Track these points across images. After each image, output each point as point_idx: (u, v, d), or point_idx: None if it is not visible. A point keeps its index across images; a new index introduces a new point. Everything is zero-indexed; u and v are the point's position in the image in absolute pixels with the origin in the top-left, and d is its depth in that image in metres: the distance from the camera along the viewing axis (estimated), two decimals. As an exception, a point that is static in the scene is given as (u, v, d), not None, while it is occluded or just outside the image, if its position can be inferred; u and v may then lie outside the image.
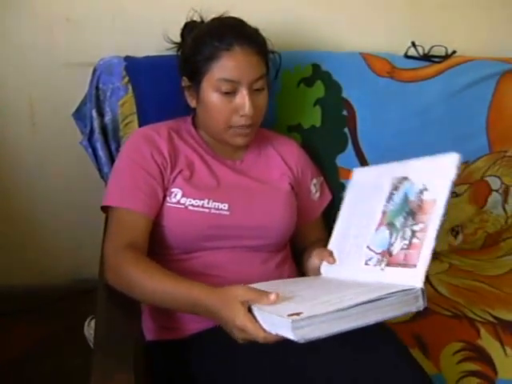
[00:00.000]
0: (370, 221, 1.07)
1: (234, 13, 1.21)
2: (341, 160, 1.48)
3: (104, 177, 1.39)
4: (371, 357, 0.97)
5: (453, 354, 1.27)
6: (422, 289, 0.90)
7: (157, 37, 1.34)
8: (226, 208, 1.15)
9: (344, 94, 1.48)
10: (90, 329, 1.67)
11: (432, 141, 1.51)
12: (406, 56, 1.56)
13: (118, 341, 0.98)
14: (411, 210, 0.99)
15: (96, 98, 1.36)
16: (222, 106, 1.14)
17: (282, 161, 1.29)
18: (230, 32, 1.13)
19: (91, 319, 1.68)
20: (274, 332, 0.85)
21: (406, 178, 1.05)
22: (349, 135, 1.49)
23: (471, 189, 1.60)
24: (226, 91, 1.13)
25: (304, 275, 1.21)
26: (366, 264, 1.03)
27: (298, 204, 1.28)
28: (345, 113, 1.48)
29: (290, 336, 0.80)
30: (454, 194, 1.58)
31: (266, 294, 0.88)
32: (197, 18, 1.27)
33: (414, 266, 0.93)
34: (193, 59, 1.16)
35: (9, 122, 1.56)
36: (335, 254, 1.12)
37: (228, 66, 1.12)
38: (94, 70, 1.36)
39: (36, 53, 1.48)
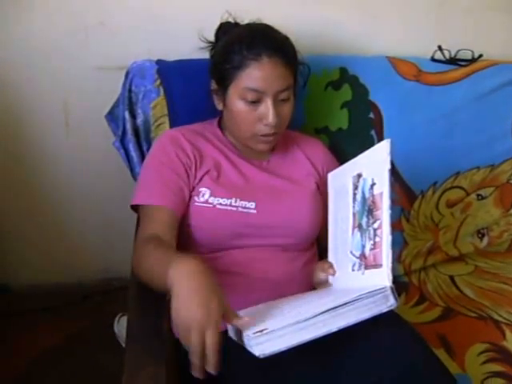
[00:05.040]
0: (348, 225, 1.07)
1: (263, 16, 1.22)
2: None
3: (135, 176, 1.42)
4: (395, 359, 0.95)
5: (477, 355, 1.28)
6: (390, 287, 0.88)
7: (187, 41, 1.38)
8: (253, 207, 1.17)
9: (371, 97, 1.49)
10: (119, 326, 1.70)
11: (458, 144, 1.54)
12: (433, 60, 1.56)
13: (150, 336, 1.00)
14: (369, 208, 0.98)
15: (129, 100, 1.39)
16: (247, 114, 1.15)
17: (308, 161, 1.31)
18: (260, 41, 1.14)
19: (120, 316, 1.73)
20: (235, 339, 0.87)
21: (360, 175, 1.04)
22: (375, 137, 1.50)
23: (497, 192, 1.60)
24: (251, 100, 1.14)
25: None
26: (353, 270, 1.02)
27: (324, 203, 1.28)
28: (371, 115, 1.50)
29: (252, 351, 0.82)
30: (479, 197, 1.60)
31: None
32: (231, 21, 1.29)
33: (380, 265, 0.91)
34: (221, 65, 1.17)
35: (43, 123, 1.60)
36: (335, 265, 1.13)
37: (255, 75, 1.12)
38: (127, 73, 1.40)
39: (70, 56, 1.52)
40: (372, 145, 1.44)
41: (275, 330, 0.81)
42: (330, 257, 1.16)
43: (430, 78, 1.53)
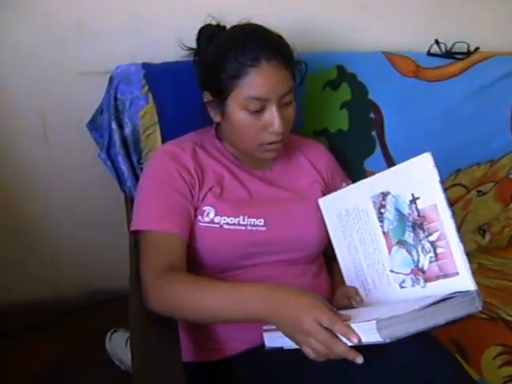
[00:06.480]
0: (376, 246, 1.05)
1: (253, 14, 1.14)
2: (369, 164, 1.46)
3: (126, 190, 1.35)
4: (418, 368, 0.94)
5: (493, 359, 1.25)
6: (476, 290, 0.90)
7: (173, 42, 1.27)
8: (262, 223, 1.10)
9: (370, 96, 1.46)
10: (111, 343, 1.64)
11: (458, 140, 1.52)
12: (429, 54, 1.53)
13: (160, 371, 0.94)
14: (414, 223, 0.97)
15: (114, 108, 1.30)
16: (251, 124, 1.08)
17: (312, 166, 1.25)
18: (255, 44, 1.05)
19: (112, 333, 1.65)
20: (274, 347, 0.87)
21: (386, 194, 1.02)
22: (376, 138, 1.47)
23: (497, 187, 1.60)
24: (255, 109, 1.06)
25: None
26: (402, 287, 1.02)
27: None
28: (372, 115, 1.46)
29: (376, 338, 0.81)
30: (480, 193, 1.59)
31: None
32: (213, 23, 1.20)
33: (456, 273, 0.93)
34: (216, 76, 1.08)
35: (20, 135, 1.49)
36: (359, 289, 1.10)
37: (255, 83, 1.04)
38: (111, 79, 1.30)
39: (47, 62, 1.41)
40: (373, 145, 1.49)
41: (397, 316, 0.82)
42: (350, 283, 1.13)
43: (429, 74, 1.50)
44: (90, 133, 1.37)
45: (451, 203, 0.95)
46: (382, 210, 1.03)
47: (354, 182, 1.32)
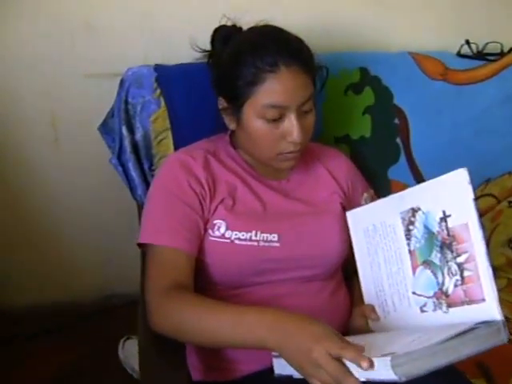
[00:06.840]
0: (401, 265, 1.00)
1: (270, 14, 1.08)
2: (393, 172, 1.40)
3: (137, 198, 1.30)
4: None
5: (522, 387, 1.19)
6: (502, 321, 0.83)
7: (188, 42, 1.21)
8: (275, 239, 1.05)
9: (395, 101, 1.39)
10: (124, 351, 1.61)
11: (488, 148, 1.45)
12: (459, 55, 1.46)
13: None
14: (443, 243, 0.92)
15: (125, 112, 1.25)
16: (268, 133, 1.02)
17: (331, 177, 1.18)
18: (274, 48, 0.99)
19: (125, 340, 1.63)
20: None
21: (416, 210, 0.96)
22: (401, 145, 1.41)
23: (527, 197, 1.52)
24: (273, 118, 1.01)
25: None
26: (423, 311, 0.96)
27: None
28: (396, 121, 1.40)
29: (390, 376, 0.75)
30: (511, 204, 1.51)
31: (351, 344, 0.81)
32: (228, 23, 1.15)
33: (483, 300, 0.86)
34: (231, 81, 1.03)
35: (30, 138, 1.47)
36: (377, 309, 1.04)
37: (274, 90, 0.99)
38: (122, 82, 1.25)
39: (57, 64, 1.39)
40: (397, 153, 1.42)
41: (414, 352, 0.77)
42: (369, 302, 1.07)
43: (459, 76, 1.42)
44: (102, 136, 1.32)
45: (481, 218, 0.88)
46: (411, 227, 0.97)
47: (375, 191, 1.28)
